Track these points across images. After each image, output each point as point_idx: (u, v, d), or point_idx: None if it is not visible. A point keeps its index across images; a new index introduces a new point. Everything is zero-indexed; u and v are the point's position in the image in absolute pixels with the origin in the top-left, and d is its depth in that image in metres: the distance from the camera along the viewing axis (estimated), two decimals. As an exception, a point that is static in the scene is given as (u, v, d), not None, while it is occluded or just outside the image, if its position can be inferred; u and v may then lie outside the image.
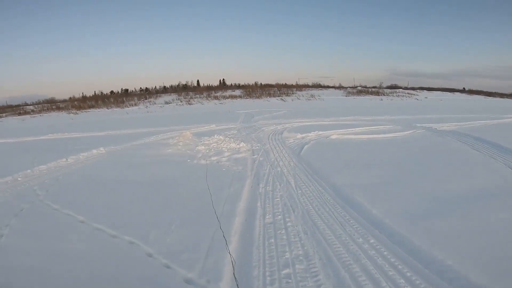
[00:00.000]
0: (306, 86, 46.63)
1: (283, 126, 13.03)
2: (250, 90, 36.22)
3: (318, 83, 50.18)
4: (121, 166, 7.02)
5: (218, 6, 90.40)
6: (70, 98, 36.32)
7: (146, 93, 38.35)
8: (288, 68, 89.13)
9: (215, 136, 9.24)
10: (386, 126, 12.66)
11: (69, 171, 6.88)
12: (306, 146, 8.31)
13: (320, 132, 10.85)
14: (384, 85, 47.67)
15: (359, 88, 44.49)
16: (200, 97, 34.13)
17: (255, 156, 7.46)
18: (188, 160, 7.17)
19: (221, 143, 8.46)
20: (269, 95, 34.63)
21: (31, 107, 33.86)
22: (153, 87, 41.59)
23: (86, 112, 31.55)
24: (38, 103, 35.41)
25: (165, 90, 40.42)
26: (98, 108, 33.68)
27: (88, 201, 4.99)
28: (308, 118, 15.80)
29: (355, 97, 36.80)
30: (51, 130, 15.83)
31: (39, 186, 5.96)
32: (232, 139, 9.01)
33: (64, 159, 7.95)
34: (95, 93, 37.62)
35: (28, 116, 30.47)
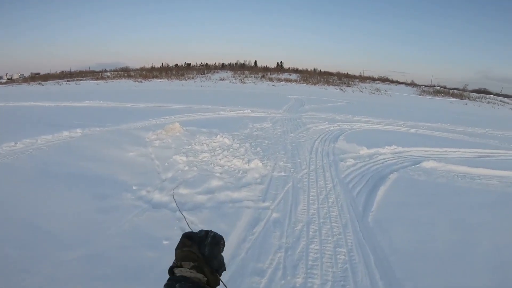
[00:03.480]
0: (370, 79, 38.74)
1: (339, 126, 8.12)
2: (307, 76, 30.64)
3: (385, 77, 41.40)
4: (18, 178, 3.49)
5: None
6: (141, 67, 35.86)
7: (205, 68, 35.78)
8: (351, 58, 78.09)
9: (218, 137, 5.04)
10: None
11: None
12: (381, 190, 3.60)
13: (401, 149, 5.89)
14: (469, 88, 36.92)
15: (437, 87, 35.02)
16: (254, 77, 30.14)
17: (265, 204, 3.07)
18: (134, 187, 3.20)
19: (220, 154, 4.29)
20: (328, 83, 28.72)
21: (108, 73, 34.42)
22: (213, 63, 38.79)
23: (149, 81, 30.91)
24: (115, 70, 35.76)
25: (223, 67, 37.16)
26: (161, 78, 32.75)
27: None
28: (376, 118, 10.46)
29: (430, 97, 28.51)
30: (101, 96, 13.84)
31: None
32: (243, 147, 4.71)
33: (13, 143, 4.84)
34: (162, 65, 36.44)
35: (102, 81, 31.07)
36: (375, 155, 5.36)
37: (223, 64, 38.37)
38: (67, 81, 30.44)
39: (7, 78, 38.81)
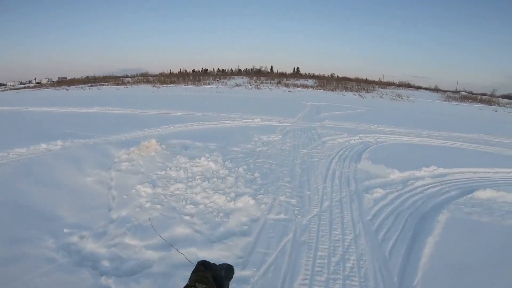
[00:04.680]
0: (391, 84, 36.45)
1: (361, 139, 6.80)
2: (324, 82, 29.18)
3: (407, 82, 38.83)
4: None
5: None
6: (160, 73, 36.15)
7: (222, 74, 35.29)
8: (370, 63, 74.83)
9: (203, 159, 3.86)
10: None
11: None
12: (429, 243, 2.25)
13: (442, 171, 4.50)
14: (498, 93, 33.74)
15: (463, 93, 32.28)
16: (270, 83, 29.14)
17: (244, 273, 1.89)
18: (65, 230, 2.18)
19: (199, 185, 3.17)
20: (346, 88, 27.11)
21: (129, 79, 35.04)
22: (229, 69, 38.23)
23: (166, 86, 30.94)
24: (135, 76, 36.29)
25: (239, 72, 36.48)
26: (178, 84, 32.74)
27: None
28: (402, 127, 9.01)
29: (456, 103, 26.03)
30: (114, 102, 13.43)
31: None
32: (233, 174, 3.59)
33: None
34: (180, 71, 36.47)
35: (122, 86, 31.50)
36: (410, 180, 4.08)
37: (239, 70, 37.79)
38: (91, 85, 31.05)
39: (36, 83, 40.60)
